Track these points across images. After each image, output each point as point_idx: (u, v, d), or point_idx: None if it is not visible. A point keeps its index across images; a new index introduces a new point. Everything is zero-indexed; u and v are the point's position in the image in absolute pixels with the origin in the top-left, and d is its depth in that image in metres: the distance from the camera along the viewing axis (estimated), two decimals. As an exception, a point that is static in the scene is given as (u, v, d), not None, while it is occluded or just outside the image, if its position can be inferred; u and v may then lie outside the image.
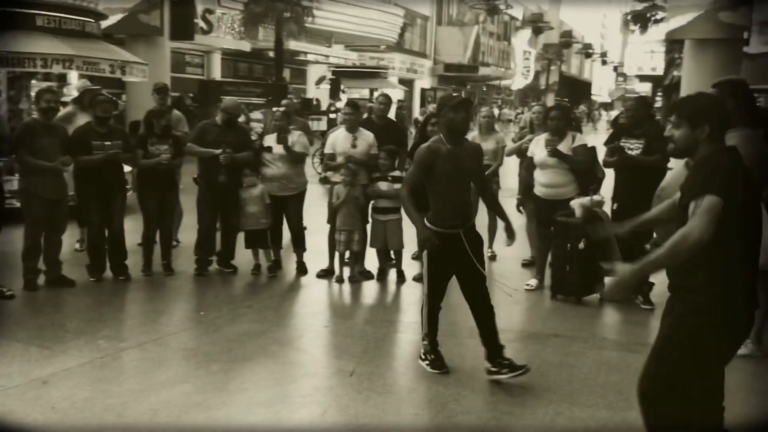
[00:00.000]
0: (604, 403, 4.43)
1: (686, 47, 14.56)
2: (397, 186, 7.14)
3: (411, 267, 7.45)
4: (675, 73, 24.48)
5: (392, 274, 7.39)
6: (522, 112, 34.40)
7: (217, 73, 24.67)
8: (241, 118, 8.57)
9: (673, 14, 14.41)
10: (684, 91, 10.52)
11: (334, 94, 26.80)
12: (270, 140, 7.38)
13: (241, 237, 7.47)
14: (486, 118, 8.46)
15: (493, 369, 4.70)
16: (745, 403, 4.41)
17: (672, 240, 2.94)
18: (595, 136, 20.68)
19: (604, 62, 70.70)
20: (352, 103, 7.71)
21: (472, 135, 8.38)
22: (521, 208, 8.04)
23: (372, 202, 7.30)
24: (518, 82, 52.62)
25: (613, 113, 38.18)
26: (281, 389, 4.60)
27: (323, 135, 11.89)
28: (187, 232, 8.00)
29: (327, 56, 28.01)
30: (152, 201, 7.17)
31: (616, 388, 4.65)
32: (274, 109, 9.01)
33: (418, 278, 7.24)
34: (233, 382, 4.68)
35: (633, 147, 6.48)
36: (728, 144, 3.20)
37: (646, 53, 50.36)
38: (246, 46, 24.40)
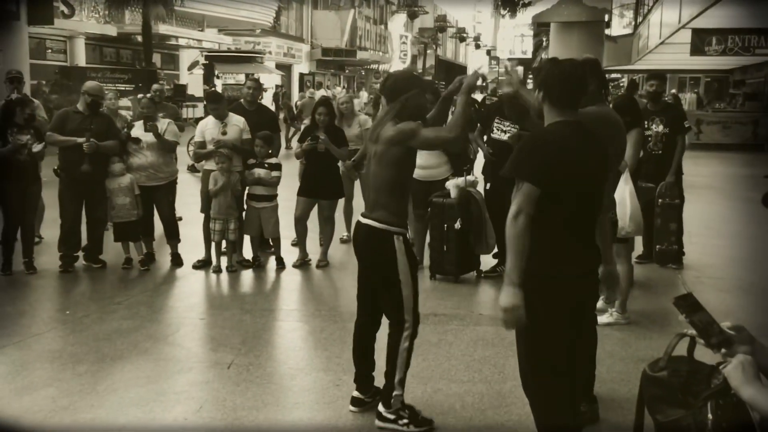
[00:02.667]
0: (480, 378, 4.53)
1: (552, 30, 15.12)
2: (275, 173, 7.03)
3: (291, 253, 7.36)
4: (543, 55, 25.42)
5: (271, 261, 7.28)
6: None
7: (81, 59, 23.46)
8: (107, 103, 8.14)
9: (539, -2, 14.90)
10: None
11: (208, 79, 26.10)
12: (138, 128, 7.07)
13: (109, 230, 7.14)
14: (345, 104, 8.38)
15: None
16: (611, 370, 4.62)
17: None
18: (470, 118, 21.10)
19: (477, 46, 72.58)
20: (213, 96, 7.48)
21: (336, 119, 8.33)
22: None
23: (247, 189, 7.15)
24: (396, 65, 53.14)
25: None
26: (154, 387, 4.42)
27: (197, 122, 11.54)
28: (50, 228, 7.56)
29: (200, 40, 27.23)
30: (14, 195, 6.72)
31: (492, 362, 4.78)
32: (140, 96, 8.65)
33: (297, 264, 7.19)
34: (102, 383, 4.46)
35: (506, 128, 6.63)
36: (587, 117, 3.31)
37: (516, 37, 52.05)
38: (112, 30, 23.33)
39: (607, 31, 18.27)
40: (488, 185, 6.84)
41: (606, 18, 15.39)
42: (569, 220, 3.06)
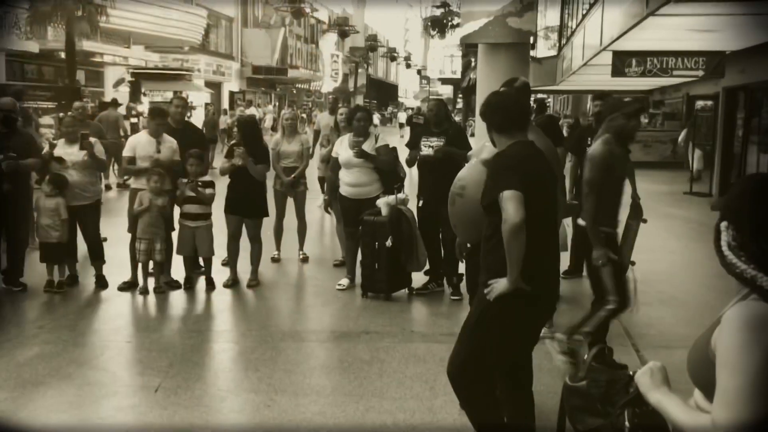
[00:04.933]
0: (411, 394, 4.55)
1: (480, 51, 15.39)
2: (209, 190, 6.94)
3: (221, 273, 7.25)
4: (471, 75, 25.90)
5: (201, 282, 7.16)
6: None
7: (1, 77, 22.66)
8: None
9: (466, 20, 15.15)
10: (479, 93, 11.09)
11: (134, 96, 25.58)
12: (61, 146, 6.88)
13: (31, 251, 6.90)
14: (289, 121, 8.42)
15: None
16: (537, 382, 4.69)
17: (504, 237, 3.15)
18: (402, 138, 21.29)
19: (408, 65, 73.41)
20: (159, 111, 7.36)
21: (275, 138, 8.35)
22: (329, 209, 8.10)
23: (180, 207, 7.03)
24: (327, 84, 53.24)
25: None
26: (78, 413, 4.28)
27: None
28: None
29: (126, 57, 26.68)
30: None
31: (423, 378, 4.81)
32: (60, 114, 8.42)
33: (228, 284, 7.08)
34: (23, 410, 4.29)
35: (433, 145, 6.72)
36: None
37: (446, 57, 52.84)
38: (34, 47, 22.63)
39: (532, 53, 18.76)
40: (421, 202, 6.90)
41: (531, 40, 15.78)
42: (536, 235, 3.22)
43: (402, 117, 39.16)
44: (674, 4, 7.20)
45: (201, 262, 7.28)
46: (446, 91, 56.00)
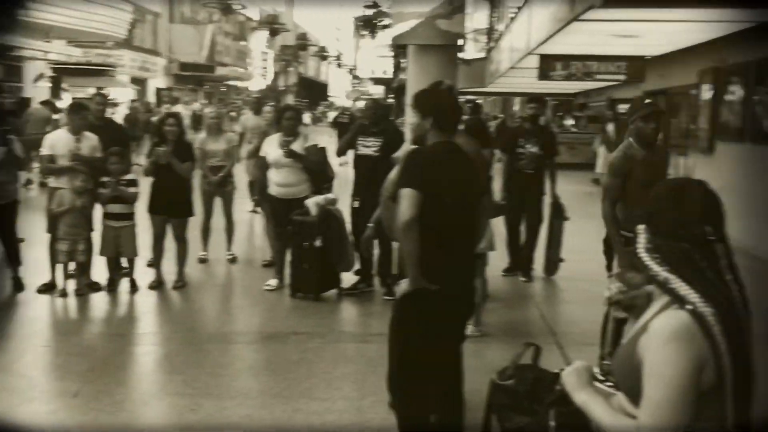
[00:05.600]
0: (340, 395, 4.53)
1: (410, 52, 15.49)
2: (132, 189, 6.74)
3: (145, 275, 7.07)
4: (402, 76, 26.04)
5: (124, 283, 6.95)
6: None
7: None
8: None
9: (396, 21, 15.24)
10: (409, 93, 11.16)
11: (55, 92, 24.73)
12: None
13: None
14: (213, 119, 8.28)
15: None
16: (466, 381, 4.74)
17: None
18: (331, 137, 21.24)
19: (339, 65, 73.30)
20: (78, 106, 7.11)
21: (200, 137, 8.20)
22: (258, 208, 8.00)
23: (103, 207, 6.82)
24: (257, 82, 52.63)
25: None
26: (-9, 423, 4.10)
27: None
28: None
29: (46, 52, 25.74)
30: None
31: (352, 378, 4.80)
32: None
33: (153, 286, 6.90)
34: (-69, 419, 4.09)
35: (369, 145, 6.71)
36: None
37: (377, 57, 52.96)
38: (-53, 39, 21.61)
39: (461, 55, 18.98)
40: (356, 203, 6.88)
41: (460, 42, 15.97)
42: (446, 235, 3.26)
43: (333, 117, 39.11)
44: (597, 9, 7.39)
45: (124, 263, 7.07)
46: (378, 90, 56.14)
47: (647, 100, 4.30)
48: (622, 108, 17.03)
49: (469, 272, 3.55)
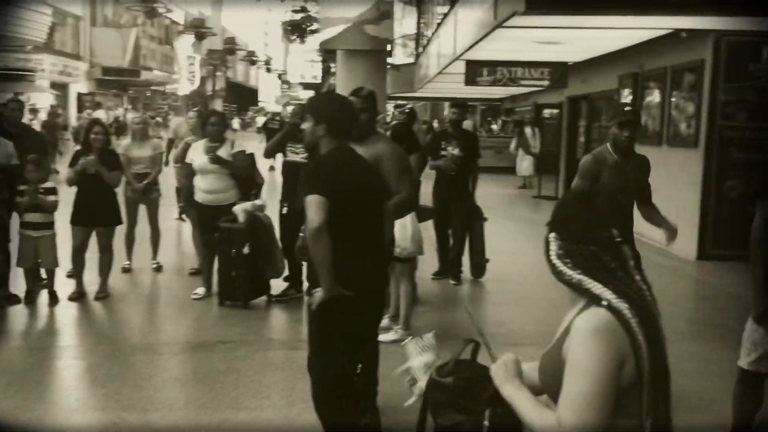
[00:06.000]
0: (268, 404, 4.48)
1: (338, 57, 15.51)
2: (51, 198, 6.51)
3: (66, 286, 6.84)
4: (331, 81, 26.02)
5: (44, 295, 6.71)
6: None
7: None
8: None
9: (324, 26, 15.24)
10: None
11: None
12: None
13: None
14: (139, 125, 8.11)
15: None
16: (395, 385, 4.75)
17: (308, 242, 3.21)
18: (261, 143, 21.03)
19: (268, 70, 72.68)
20: None
21: (125, 143, 8.02)
22: (184, 215, 7.85)
23: (20, 216, 6.56)
24: (184, 87, 51.69)
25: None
26: None
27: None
28: None
29: (-39, 56, 24.71)
30: None
31: (281, 386, 4.74)
32: None
33: (74, 297, 6.68)
34: None
35: (298, 151, 6.66)
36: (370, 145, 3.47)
37: (306, 62, 52.74)
38: None
39: (390, 60, 19.08)
40: (284, 209, 6.82)
41: (388, 47, 16.07)
42: (355, 239, 3.28)
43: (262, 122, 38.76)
44: (520, 16, 7.53)
45: (43, 274, 6.82)
46: (307, 95, 55.90)
47: (627, 107, 4.41)
48: (547, 113, 17.45)
49: (377, 275, 3.55)
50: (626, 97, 11.60)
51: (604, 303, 1.89)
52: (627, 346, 1.86)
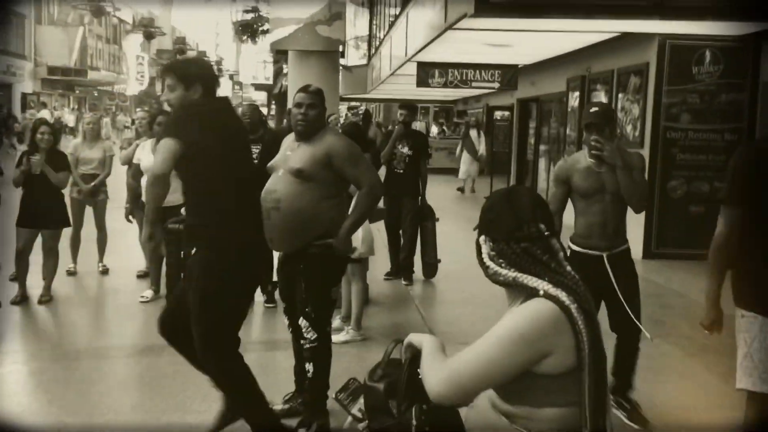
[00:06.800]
0: (216, 408, 4.38)
1: (290, 57, 15.43)
2: None
3: (8, 289, 6.65)
4: (283, 81, 25.87)
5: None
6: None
7: None
8: None
9: (275, 26, 15.15)
10: (290, 99, 11.11)
11: None
12: None
13: None
14: (90, 125, 7.95)
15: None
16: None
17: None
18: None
19: (219, 70, 71.90)
20: None
21: (75, 143, 7.85)
22: (131, 217, 7.70)
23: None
24: (133, 87, 50.85)
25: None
26: None
27: None
28: None
29: None
30: None
31: (230, 389, 4.67)
32: None
33: (16, 301, 6.50)
34: None
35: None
36: None
37: (259, 63, 52.33)
38: None
39: (342, 61, 19.06)
40: None
41: (340, 49, 16.05)
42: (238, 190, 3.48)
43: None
44: (470, 18, 7.61)
45: (-16, 277, 6.64)
46: (260, 97, 55.41)
47: (594, 108, 4.21)
48: (498, 115, 17.63)
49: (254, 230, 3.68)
50: (575, 99, 11.80)
51: (541, 293, 1.92)
52: (556, 338, 1.90)
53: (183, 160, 3.29)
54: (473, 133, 17.36)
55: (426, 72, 12.99)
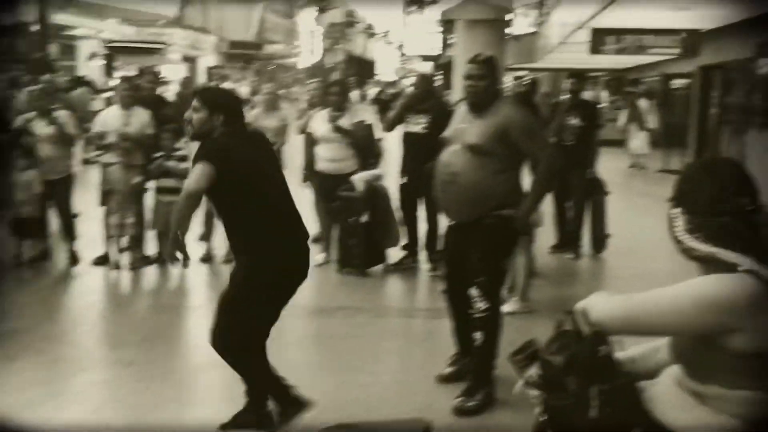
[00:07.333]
0: (385, 369, 4.57)
1: (458, 27, 15.31)
2: (184, 165, 6.84)
3: (196, 249, 7.19)
4: (449, 52, 25.80)
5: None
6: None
7: (-29, 49, 22.17)
8: None
9: (444, -5, 15.07)
10: (457, 69, 11.07)
11: (108, 71, 25.19)
12: (36, 120, 6.76)
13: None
14: (269, 95, 8.37)
15: None
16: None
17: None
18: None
19: (387, 42, 72.88)
20: (125, 79, 7.28)
21: (255, 112, 8.29)
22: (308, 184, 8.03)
23: (155, 182, 6.95)
24: (305, 60, 52.73)
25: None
26: (49, 388, 4.23)
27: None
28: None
29: (99, 31, 26.21)
30: None
31: (397, 353, 4.83)
32: (29, 88, 8.24)
33: (204, 259, 7.03)
34: (-8, 385, 4.25)
35: (418, 122, 6.68)
36: None
37: (425, 33, 52.48)
38: (4, 18, 22.14)
39: (510, 30, 18.68)
40: (404, 179, 6.89)
41: (509, 17, 15.72)
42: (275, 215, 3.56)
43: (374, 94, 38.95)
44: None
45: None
46: (425, 68, 55.64)
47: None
48: (677, 84, 16.60)
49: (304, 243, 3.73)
50: (765, 66, 10.89)
51: (742, 268, 1.81)
52: (750, 316, 1.78)
53: (215, 186, 3.40)
54: (642, 103, 16.37)
55: (599, 38, 12.47)
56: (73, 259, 6.90)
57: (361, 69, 69.31)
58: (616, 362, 2.05)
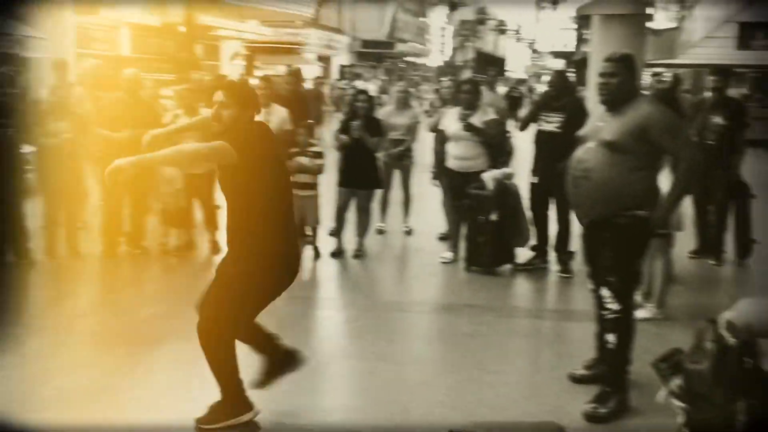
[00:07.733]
0: (512, 369, 4.53)
1: (594, 23, 14.87)
2: (318, 161, 7.06)
3: (327, 243, 7.40)
4: (584, 48, 25.09)
5: (307, 250, 7.32)
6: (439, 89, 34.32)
7: (126, 49, 23.74)
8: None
9: (580, -10, 14.69)
10: (593, 66, 10.78)
11: (249, 70, 26.30)
12: (181, 117, 7.17)
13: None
14: (401, 93, 8.48)
15: None
16: (645, 364, 4.57)
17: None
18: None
19: (518, 39, 71.84)
20: (264, 78, 7.59)
21: (387, 110, 8.42)
22: (437, 181, 8.08)
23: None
24: (435, 58, 52.87)
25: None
26: (192, 370, 4.49)
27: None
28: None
29: (241, 31, 27.41)
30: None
31: (525, 354, 4.78)
32: (176, 87, 8.73)
33: (334, 254, 7.22)
34: (140, 366, 4.56)
35: (552, 120, 6.57)
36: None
37: (558, 30, 51.34)
38: (155, 20, 23.56)
39: (650, 25, 17.93)
40: (535, 179, 6.80)
41: (650, 11, 15.11)
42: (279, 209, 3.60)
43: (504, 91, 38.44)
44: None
45: (308, 230, 7.43)
46: (557, 65, 54.43)
47: None
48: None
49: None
50: None
51: None
52: None
53: (231, 171, 3.43)
54: None
55: (748, 33, 11.77)
56: (215, 249, 7.28)
57: (492, 66, 68.76)
58: (765, 375, 1.93)
